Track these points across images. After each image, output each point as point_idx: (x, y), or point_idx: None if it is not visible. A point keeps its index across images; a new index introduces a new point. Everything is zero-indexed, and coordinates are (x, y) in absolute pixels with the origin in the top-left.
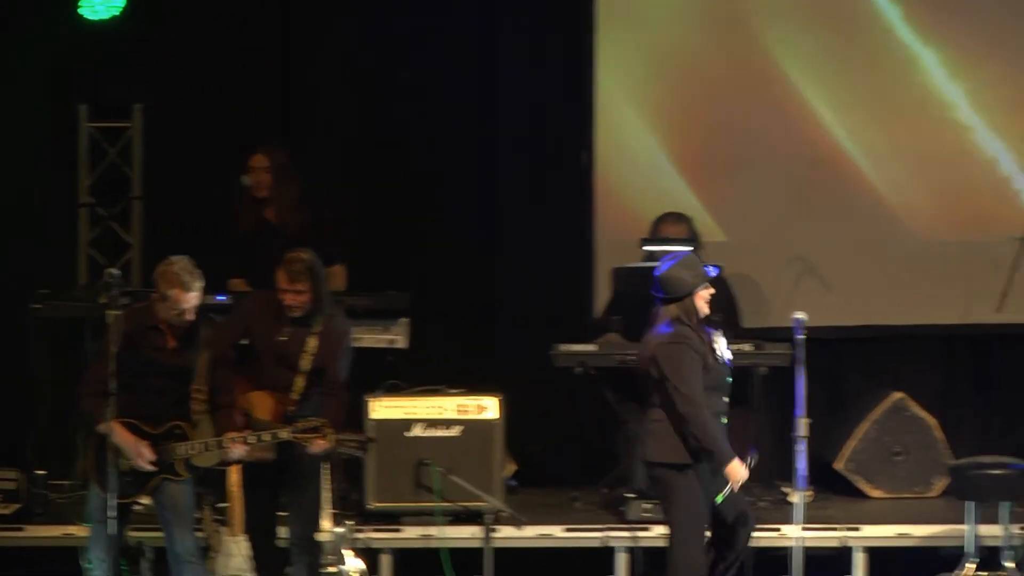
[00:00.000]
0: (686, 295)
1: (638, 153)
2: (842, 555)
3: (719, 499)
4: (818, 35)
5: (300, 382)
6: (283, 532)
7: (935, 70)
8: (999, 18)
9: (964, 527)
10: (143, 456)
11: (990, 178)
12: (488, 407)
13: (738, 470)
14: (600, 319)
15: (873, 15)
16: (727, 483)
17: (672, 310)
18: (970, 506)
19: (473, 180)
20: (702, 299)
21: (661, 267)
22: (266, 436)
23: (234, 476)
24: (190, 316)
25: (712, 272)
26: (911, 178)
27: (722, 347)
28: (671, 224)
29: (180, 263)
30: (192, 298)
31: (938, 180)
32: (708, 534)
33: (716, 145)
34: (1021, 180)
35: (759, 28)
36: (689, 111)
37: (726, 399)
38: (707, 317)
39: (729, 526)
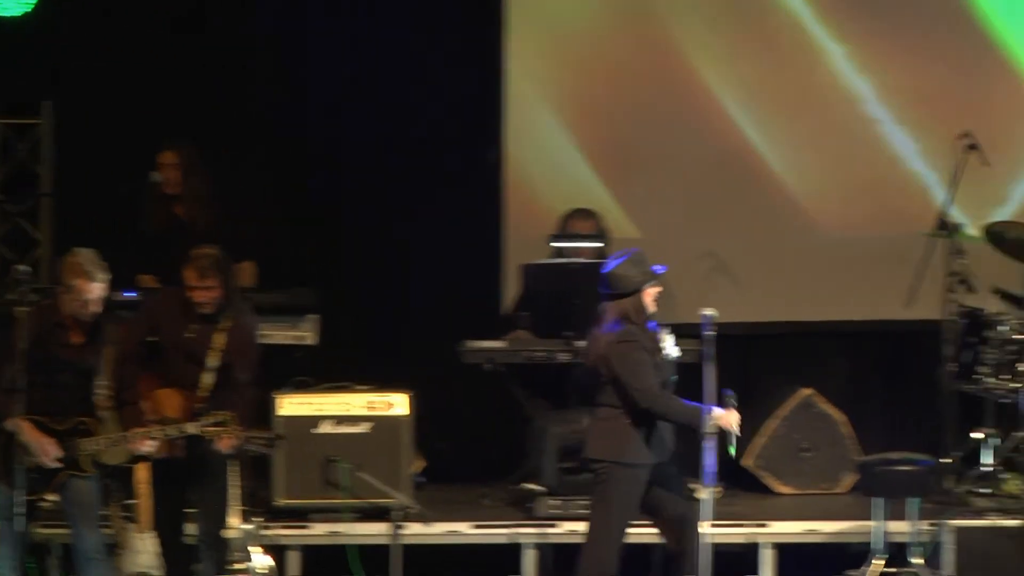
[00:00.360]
0: (634, 292)
1: (549, 149)
2: (750, 552)
3: (731, 450)
4: (728, 31)
5: (208, 379)
6: (191, 529)
7: (843, 64)
8: (907, 12)
9: (872, 523)
10: (48, 453)
11: (899, 173)
12: (397, 403)
13: (724, 416)
14: (509, 316)
15: (782, 11)
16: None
17: (621, 307)
18: (878, 502)
19: (383, 177)
20: (650, 296)
21: (609, 264)
22: (172, 431)
23: (142, 473)
24: (94, 308)
25: (660, 270)
26: (821, 173)
27: (668, 345)
28: (579, 220)
29: (84, 254)
30: (96, 288)
31: (848, 175)
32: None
33: (629, 141)
34: (930, 175)
35: (671, 24)
36: (601, 107)
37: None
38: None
39: (676, 528)
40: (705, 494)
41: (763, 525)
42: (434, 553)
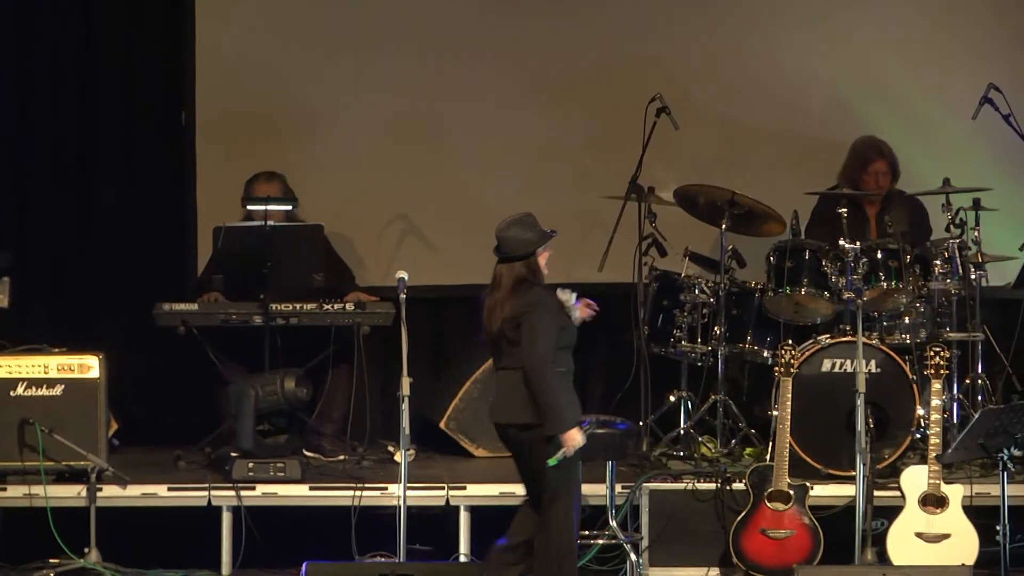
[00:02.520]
0: (529, 255)
1: (241, 111)
2: (447, 513)
3: (551, 462)
4: None
5: None
6: None
7: (540, 25)
8: None
9: None
10: None
11: (591, 135)
12: (91, 366)
13: (576, 436)
14: (202, 278)
15: None
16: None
17: (515, 271)
18: None
19: (71, 139)
20: (543, 259)
21: (501, 227)
22: None
23: None
24: None
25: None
26: (513, 135)
27: (571, 305)
28: (263, 183)
29: None
30: None
31: (538, 138)
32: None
33: (314, 103)
34: (622, 137)
35: None
36: (290, 69)
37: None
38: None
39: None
40: (400, 456)
41: (460, 487)
42: (131, 515)
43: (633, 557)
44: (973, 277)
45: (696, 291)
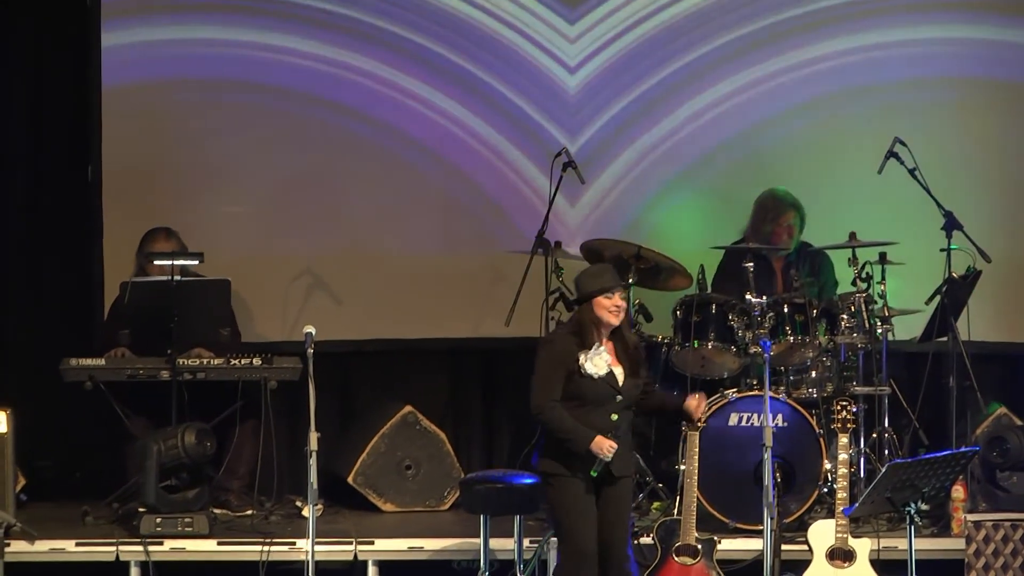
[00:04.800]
0: (583, 299)
1: (147, 166)
2: (356, 569)
3: (593, 473)
4: None
5: None
6: None
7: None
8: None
9: (477, 540)
10: None
11: (499, 190)
12: None
13: (601, 443)
14: (107, 333)
15: None
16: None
17: (577, 313)
18: (482, 519)
19: None
20: (603, 307)
21: (579, 274)
22: None
23: None
24: None
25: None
26: (419, 191)
27: (595, 361)
28: (161, 240)
29: None
30: None
31: (446, 192)
32: None
33: (218, 158)
34: (528, 192)
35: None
36: (195, 125)
37: (615, 416)
38: None
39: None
40: (308, 511)
41: (369, 543)
42: (39, 571)
43: None
44: (879, 331)
45: None
